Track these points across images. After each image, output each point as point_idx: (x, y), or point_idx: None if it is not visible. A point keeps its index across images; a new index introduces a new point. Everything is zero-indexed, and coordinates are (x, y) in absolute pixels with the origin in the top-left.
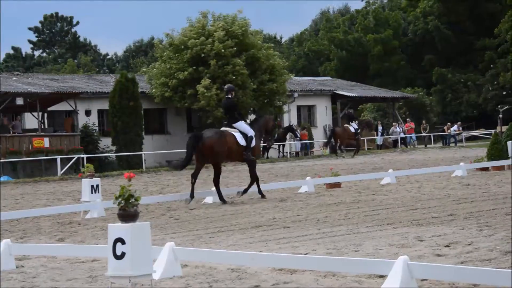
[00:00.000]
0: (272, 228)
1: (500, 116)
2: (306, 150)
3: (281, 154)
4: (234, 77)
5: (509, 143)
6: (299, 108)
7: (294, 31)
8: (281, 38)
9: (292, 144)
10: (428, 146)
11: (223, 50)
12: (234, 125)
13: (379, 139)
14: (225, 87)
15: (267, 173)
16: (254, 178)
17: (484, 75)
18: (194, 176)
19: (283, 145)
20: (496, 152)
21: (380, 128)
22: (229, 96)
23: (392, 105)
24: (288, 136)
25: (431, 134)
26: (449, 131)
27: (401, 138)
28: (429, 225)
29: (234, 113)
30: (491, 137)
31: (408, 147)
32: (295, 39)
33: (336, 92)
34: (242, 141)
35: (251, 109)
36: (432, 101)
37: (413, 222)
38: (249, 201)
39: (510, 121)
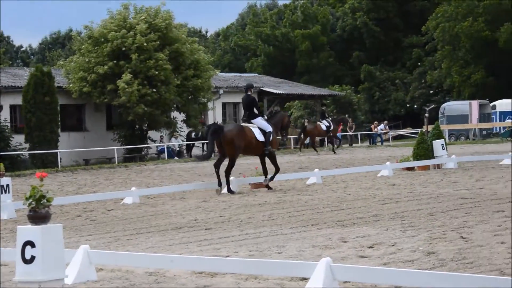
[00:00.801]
0: (194, 230)
1: (426, 115)
2: None
3: (204, 152)
4: (156, 72)
5: (434, 142)
6: (224, 105)
7: (220, 25)
8: (206, 32)
9: None
10: (354, 145)
11: (145, 44)
12: (253, 121)
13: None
14: (245, 84)
15: (190, 172)
16: (278, 167)
17: (411, 73)
18: (217, 166)
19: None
20: (422, 151)
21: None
22: (249, 93)
23: (320, 102)
24: None
25: (358, 133)
26: (375, 130)
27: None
28: (354, 226)
29: (253, 109)
30: (417, 136)
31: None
32: (221, 33)
33: (263, 89)
34: (260, 137)
35: (174, 105)
36: (360, 99)
37: (338, 223)
38: (169, 201)
39: (436, 120)
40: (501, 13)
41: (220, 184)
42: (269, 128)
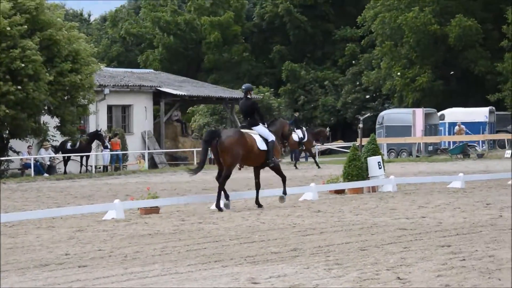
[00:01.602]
0: (64, 268)
1: (360, 125)
2: (117, 164)
3: (84, 168)
4: (23, 65)
5: (369, 159)
6: (110, 108)
7: (107, 8)
8: (89, 16)
9: (99, 155)
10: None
11: (9, 28)
12: (254, 128)
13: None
14: (243, 87)
15: (64, 193)
16: (284, 177)
17: (344, 73)
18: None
19: (87, 157)
20: (354, 170)
21: None
22: (248, 96)
23: (231, 107)
24: (94, 145)
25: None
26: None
27: None
28: (267, 262)
29: (253, 115)
30: (349, 151)
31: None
32: (108, 18)
33: (160, 89)
34: (262, 145)
35: (45, 107)
36: (281, 103)
37: (248, 259)
38: (34, 230)
39: (372, 132)
40: (452, 3)
41: (227, 197)
42: (271, 137)
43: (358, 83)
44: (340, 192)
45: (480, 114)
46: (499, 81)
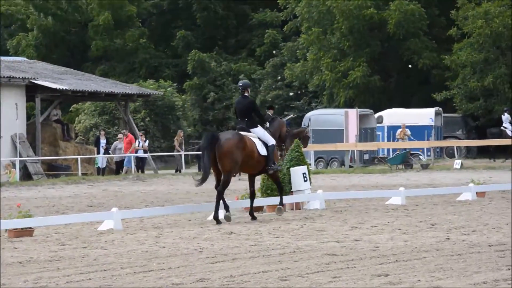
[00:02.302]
0: None
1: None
2: None
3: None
4: None
5: (293, 171)
6: None
7: None
8: None
9: None
10: (183, 171)
11: None
12: (252, 130)
13: (100, 160)
14: (240, 83)
15: None
16: (281, 185)
17: (263, 65)
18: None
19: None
20: (275, 183)
21: (103, 141)
22: (246, 94)
23: (125, 105)
24: None
25: (182, 153)
26: None
27: (140, 158)
28: None
29: (251, 115)
30: None
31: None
32: None
33: (35, 81)
34: (262, 150)
35: None
36: (186, 101)
37: None
38: None
39: (297, 136)
40: None
41: (227, 208)
42: (272, 140)
43: (279, 77)
44: (257, 209)
45: (425, 116)
46: (447, 76)
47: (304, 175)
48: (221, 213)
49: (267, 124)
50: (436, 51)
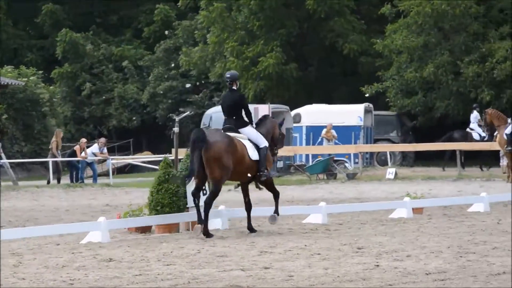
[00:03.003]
0: None
1: (176, 129)
2: None
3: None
4: None
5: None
6: None
7: None
8: None
9: None
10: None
11: None
12: (242, 130)
13: None
14: (227, 74)
15: None
16: (277, 192)
17: (153, 49)
18: (197, 195)
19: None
20: (166, 198)
21: None
22: (234, 87)
23: None
24: None
25: (59, 159)
26: (83, 154)
27: None
28: None
29: (241, 113)
30: (158, 168)
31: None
32: None
33: None
34: (254, 154)
35: None
36: (55, 94)
37: None
38: None
39: (188, 140)
40: None
41: (201, 219)
42: (264, 142)
43: (173, 64)
44: (145, 230)
45: (352, 114)
46: (378, 65)
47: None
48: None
49: (254, 125)
50: (365, 34)
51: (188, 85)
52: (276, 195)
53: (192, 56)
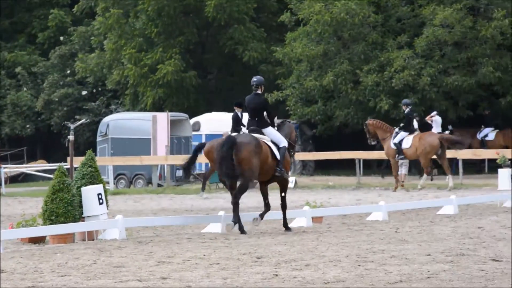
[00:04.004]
0: None
1: (71, 137)
2: None
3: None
4: None
5: (85, 190)
6: None
7: None
8: None
9: None
10: None
11: None
12: (264, 130)
13: None
14: (254, 79)
15: None
16: (284, 205)
17: (47, 55)
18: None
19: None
20: (61, 207)
21: None
22: (258, 91)
23: None
24: None
25: None
26: None
27: None
28: None
29: (263, 115)
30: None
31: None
32: None
33: None
34: (277, 154)
35: None
36: None
37: None
38: None
39: (90, 147)
40: None
41: (238, 219)
42: (284, 141)
43: (68, 71)
44: (38, 240)
45: None
46: (278, 73)
47: (100, 196)
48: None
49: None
50: (265, 42)
51: (84, 92)
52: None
53: (89, 62)
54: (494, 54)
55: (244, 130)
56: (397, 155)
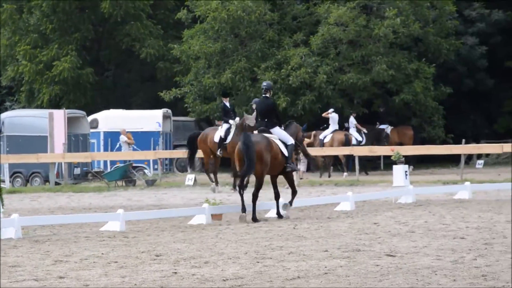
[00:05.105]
0: None
1: None
2: None
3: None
4: None
5: None
6: None
7: None
8: None
9: None
10: None
11: None
12: (272, 130)
13: None
14: (264, 83)
15: None
16: (295, 189)
17: None
18: (243, 186)
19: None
20: None
21: None
22: (267, 95)
23: None
24: None
25: None
26: None
27: None
28: None
29: (272, 116)
30: None
31: None
32: None
33: None
34: (285, 151)
35: None
36: None
37: None
38: None
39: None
40: None
41: (244, 209)
42: (291, 140)
43: None
44: None
45: (151, 119)
46: (176, 71)
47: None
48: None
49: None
50: (163, 39)
51: None
52: (293, 192)
53: None
54: (387, 52)
55: (236, 120)
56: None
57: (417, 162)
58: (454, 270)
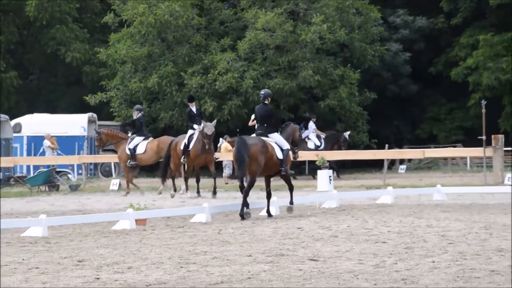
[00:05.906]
0: None
1: None
2: None
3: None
4: None
5: None
6: None
7: None
8: None
9: None
10: None
11: None
12: (270, 135)
13: None
14: (262, 91)
15: None
16: (292, 186)
17: None
18: (243, 187)
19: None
20: None
21: None
22: (266, 102)
23: None
24: None
25: None
26: None
27: None
28: None
29: (270, 122)
30: None
31: None
32: None
33: None
34: (279, 154)
35: None
36: None
37: None
38: None
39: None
40: None
41: (247, 206)
42: (286, 145)
43: None
44: None
45: (76, 124)
46: (102, 75)
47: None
48: None
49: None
50: (89, 43)
51: None
52: (291, 188)
53: None
54: (313, 58)
55: (201, 125)
56: (129, 160)
57: (341, 167)
58: (375, 274)
